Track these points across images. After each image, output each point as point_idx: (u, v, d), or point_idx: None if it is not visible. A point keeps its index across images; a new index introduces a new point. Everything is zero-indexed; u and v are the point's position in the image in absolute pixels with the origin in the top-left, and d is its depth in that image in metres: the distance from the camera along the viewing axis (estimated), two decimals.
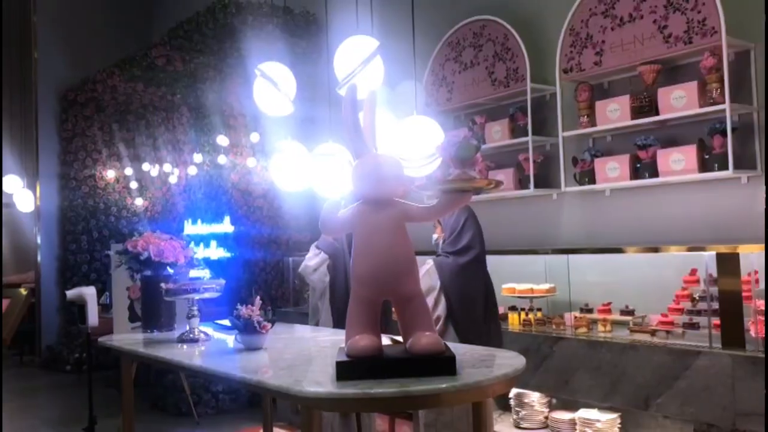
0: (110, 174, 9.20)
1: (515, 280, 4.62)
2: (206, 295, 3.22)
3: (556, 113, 4.68)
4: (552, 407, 4.53)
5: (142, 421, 5.65)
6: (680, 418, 3.61)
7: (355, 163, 2.35)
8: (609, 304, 4.25)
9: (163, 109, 8.64)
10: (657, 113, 4.15)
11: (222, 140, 6.72)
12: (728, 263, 3.44)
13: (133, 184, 9.23)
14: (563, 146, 4.66)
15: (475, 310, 3.41)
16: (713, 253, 3.50)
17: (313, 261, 3.94)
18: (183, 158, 7.86)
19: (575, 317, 4.21)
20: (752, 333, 3.32)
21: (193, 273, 3.57)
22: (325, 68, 2.71)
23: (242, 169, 6.76)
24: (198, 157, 7.18)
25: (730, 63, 3.85)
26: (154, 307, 3.52)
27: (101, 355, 7.10)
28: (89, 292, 4.07)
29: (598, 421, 4.08)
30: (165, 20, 8.72)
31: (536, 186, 4.83)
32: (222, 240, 6.93)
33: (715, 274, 3.51)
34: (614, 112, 4.34)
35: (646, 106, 4.21)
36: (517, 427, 4.55)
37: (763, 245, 3.46)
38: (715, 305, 3.51)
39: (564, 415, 4.34)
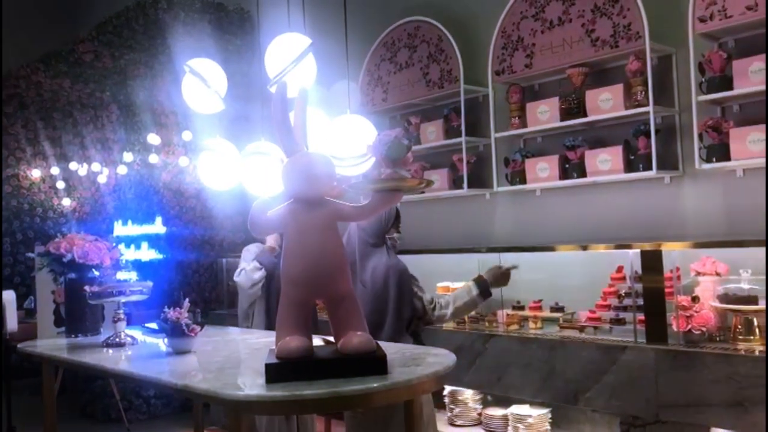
0: (35, 173, 8.82)
1: (449, 278, 4.66)
2: (133, 298, 3.13)
3: (489, 114, 4.75)
4: (485, 404, 4.60)
5: (69, 428, 5.47)
6: (607, 412, 3.72)
7: (285, 162, 2.32)
8: (540, 301, 4.34)
9: (91, 107, 8.35)
10: (585, 115, 4.26)
11: (153, 139, 6.54)
12: (652, 260, 3.55)
13: (60, 184, 8.87)
14: (495, 147, 4.74)
15: None
16: (638, 250, 3.61)
17: (257, 274, 3.92)
18: (112, 157, 7.61)
19: (507, 315, 4.28)
20: (674, 327, 3.44)
21: (120, 275, 3.46)
22: (259, 66, 2.67)
23: (174, 169, 6.60)
24: (128, 156, 6.97)
25: (654, 67, 3.99)
26: (78, 311, 3.39)
27: (26, 362, 6.82)
28: (7, 297, 3.90)
29: (530, 416, 4.16)
30: (92, 15, 8.45)
31: (470, 186, 4.90)
32: (153, 241, 6.74)
33: (640, 272, 3.63)
34: (544, 114, 4.44)
35: (574, 107, 4.31)
36: (452, 424, 4.60)
37: (684, 243, 3.60)
38: (640, 301, 3.62)
39: (497, 412, 4.41)
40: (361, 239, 3.11)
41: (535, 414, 4.17)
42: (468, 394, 4.58)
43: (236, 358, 2.75)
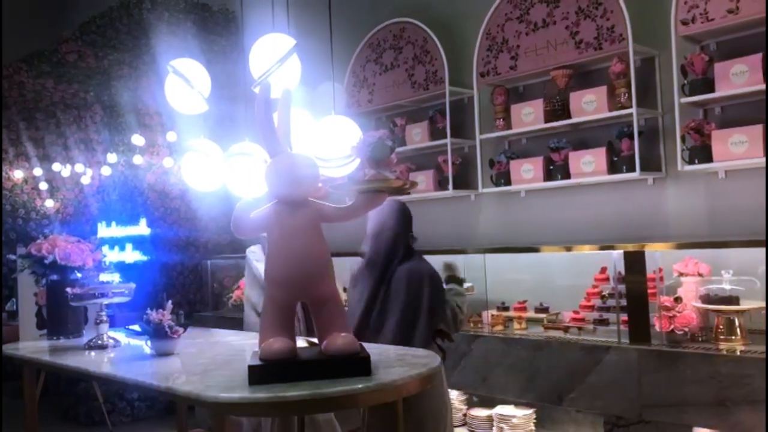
0: (18, 174, 8.75)
1: None
2: (115, 300, 3.11)
3: (474, 116, 4.76)
4: (470, 404, 4.60)
5: None
6: (591, 412, 3.74)
7: (268, 163, 2.31)
8: (524, 302, 4.35)
9: (74, 107, 8.28)
10: (569, 117, 4.28)
11: (137, 140, 6.50)
12: (635, 261, 3.57)
13: (43, 185, 8.78)
14: (480, 148, 4.75)
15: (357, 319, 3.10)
16: (621, 251, 3.63)
17: None
18: (96, 158, 7.56)
19: (492, 315, 4.29)
20: (657, 328, 3.47)
21: (103, 277, 3.43)
22: (244, 67, 2.66)
23: (159, 170, 6.56)
24: (112, 157, 6.91)
25: (637, 69, 4.01)
26: (60, 313, 3.37)
27: (8, 365, 6.75)
28: None
29: (514, 417, 4.17)
30: (76, 14, 8.38)
31: (455, 187, 4.91)
32: (138, 243, 6.70)
33: (623, 272, 3.65)
34: (528, 116, 4.45)
35: (558, 109, 4.34)
36: None
37: (666, 244, 3.62)
38: (624, 302, 3.64)
39: (482, 412, 4.42)
40: (393, 245, 3.08)
41: (520, 414, 4.18)
42: (453, 395, 4.58)
43: (220, 360, 2.73)
